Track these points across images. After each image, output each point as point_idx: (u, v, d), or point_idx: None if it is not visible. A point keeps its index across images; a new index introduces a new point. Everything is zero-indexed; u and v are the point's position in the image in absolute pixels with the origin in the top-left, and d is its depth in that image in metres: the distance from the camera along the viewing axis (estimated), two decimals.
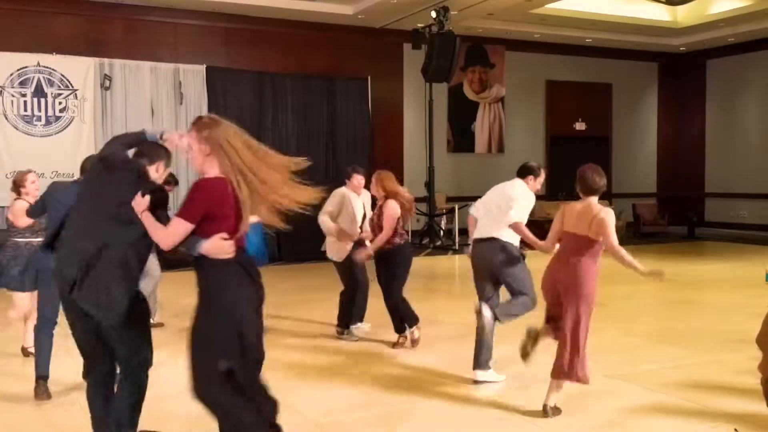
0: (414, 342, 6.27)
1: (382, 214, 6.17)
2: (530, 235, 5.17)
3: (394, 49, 15.31)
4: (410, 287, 9.99)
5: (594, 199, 4.56)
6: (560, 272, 4.54)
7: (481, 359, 5.25)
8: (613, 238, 4.43)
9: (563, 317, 4.52)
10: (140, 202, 3.29)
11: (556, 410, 4.57)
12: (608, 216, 4.45)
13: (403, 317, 6.30)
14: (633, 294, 8.89)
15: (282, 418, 4.45)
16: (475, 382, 5.21)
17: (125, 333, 3.47)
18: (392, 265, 6.22)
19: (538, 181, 5.42)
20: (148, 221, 3.28)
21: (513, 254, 5.29)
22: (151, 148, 3.68)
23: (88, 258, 3.29)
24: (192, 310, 3.26)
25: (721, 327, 7.12)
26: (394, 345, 6.29)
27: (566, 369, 4.48)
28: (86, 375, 3.66)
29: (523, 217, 5.25)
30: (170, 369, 5.75)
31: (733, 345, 6.32)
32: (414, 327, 6.29)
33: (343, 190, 6.62)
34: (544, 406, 4.56)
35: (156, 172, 3.66)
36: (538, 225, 5.66)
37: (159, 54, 13.31)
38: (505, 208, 5.22)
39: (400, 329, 6.32)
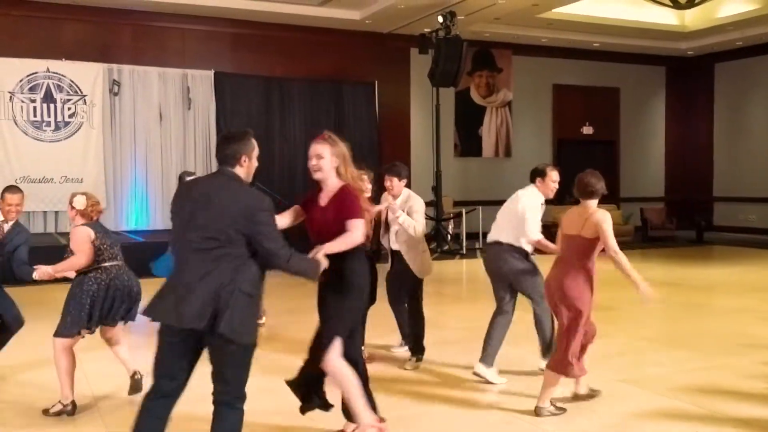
0: None
1: None
2: (551, 246, 5.22)
3: (401, 54, 15.34)
4: None
5: (590, 202, 4.59)
6: (555, 274, 4.62)
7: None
8: (612, 241, 4.42)
9: (559, 316, 4.59)
10: None
11: (559, 409, 4.62)
12: (604, 217, 4.47)
13: None
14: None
15: (287, 424, 4.46)
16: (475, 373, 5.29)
17: None
18: None
19: (549, 181, 5.39)
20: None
21: (522, 259, 5.35)
22: None
23: None
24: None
25: (729, 331, 7.10)
26: None
27: (555, 363, 4.56)
28: None
29: (536, 233, 5.27)
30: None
31: (740, 349, 6.31)
32: None
33: None
34: (537, 407, 4.61)
35: None
36: (546, 228, 5.64)
37: (167, 59, 13.40)
38: (519, 222, 5.30)
39: None
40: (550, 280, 4.65)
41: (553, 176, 5.41)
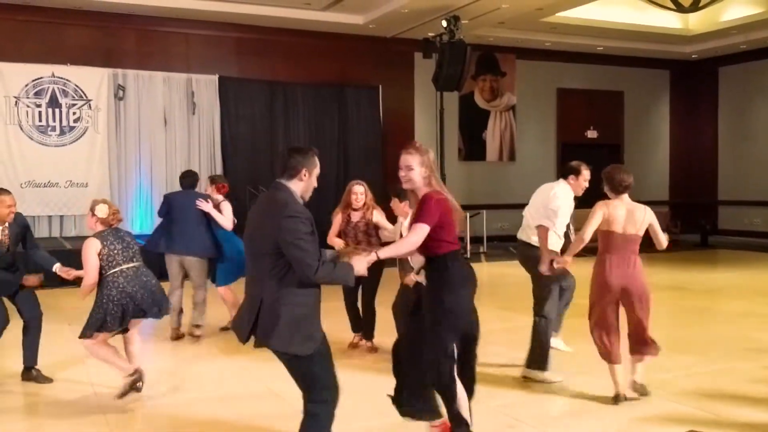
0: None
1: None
2: (545, 243, 5.19)
3: (405, 58, 15.35)
4: None
5: (628, 197, 4.85)
6: (628, 271, 4.84)
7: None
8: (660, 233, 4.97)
9: (633, 311, 4.85)
10: None
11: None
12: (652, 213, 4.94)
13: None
14: None
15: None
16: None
17: None
18: None
19: (581, 180, 5.40)
20: None
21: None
22: None
23: None
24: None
25: (734, 335, 7.09)
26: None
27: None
28: None
29: (553, 221, 5.24)
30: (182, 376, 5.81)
31: (746, 353, 6.30)
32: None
33: None
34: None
35: None
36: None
37: (172, 64, 13.43)
38: (544, 209, 5.29)
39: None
40: (624, 275, 4.87)
41: (586, 175, 5.44)
